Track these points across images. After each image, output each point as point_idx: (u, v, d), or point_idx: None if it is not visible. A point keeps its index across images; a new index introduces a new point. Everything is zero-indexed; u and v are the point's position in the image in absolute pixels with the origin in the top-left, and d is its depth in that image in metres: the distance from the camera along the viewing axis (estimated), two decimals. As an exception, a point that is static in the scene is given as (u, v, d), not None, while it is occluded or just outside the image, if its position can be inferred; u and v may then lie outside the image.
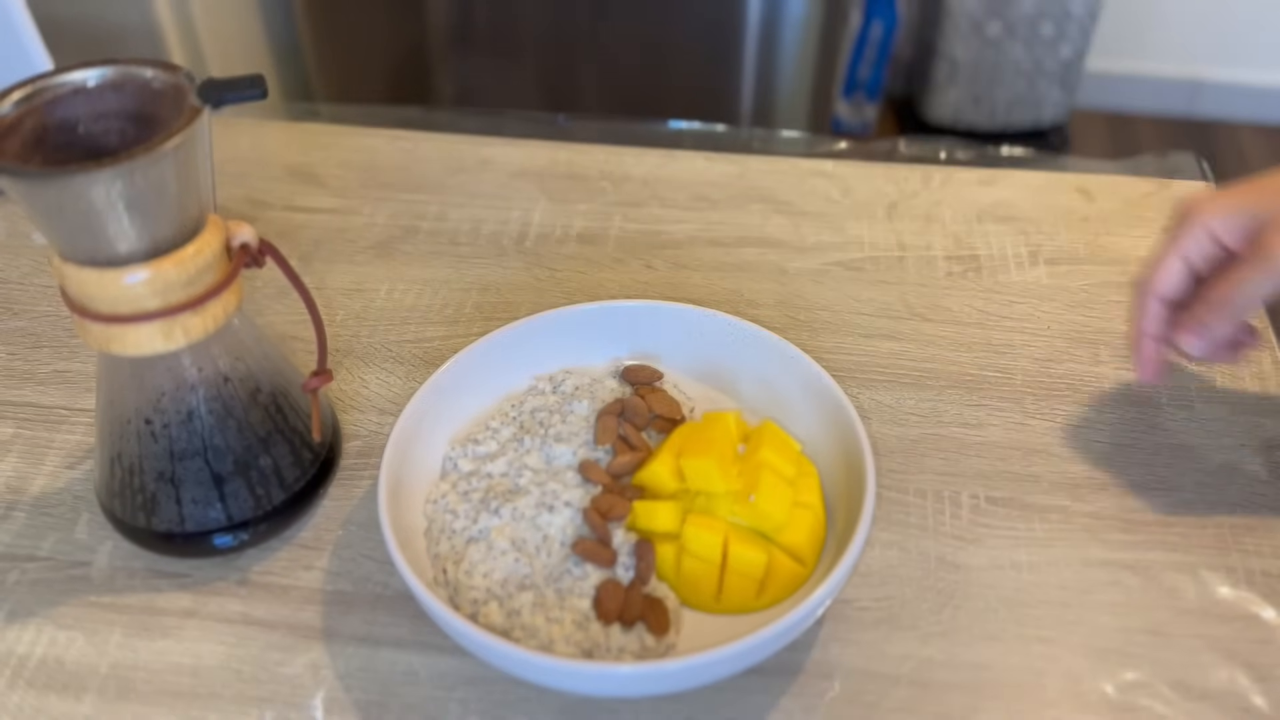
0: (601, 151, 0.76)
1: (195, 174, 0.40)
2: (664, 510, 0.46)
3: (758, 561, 0.45)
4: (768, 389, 0.53)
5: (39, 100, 0.41)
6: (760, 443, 0.48)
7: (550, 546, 0.46)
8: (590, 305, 0.54)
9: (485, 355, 0.52)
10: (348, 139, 0.77)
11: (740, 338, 0.53)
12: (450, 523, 0.47)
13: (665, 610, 0.44)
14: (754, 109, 1.28)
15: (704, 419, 0.50)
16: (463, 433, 0.52)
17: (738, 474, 0.47)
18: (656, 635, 0.44)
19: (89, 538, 0.51)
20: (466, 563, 0.45)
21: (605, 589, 0.44)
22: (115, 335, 0.42)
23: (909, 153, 0.76)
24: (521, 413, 0.52)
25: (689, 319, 0.54)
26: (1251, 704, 0.44)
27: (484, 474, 0.49)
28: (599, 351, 0.55)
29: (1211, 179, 0.73)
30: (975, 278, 0.65)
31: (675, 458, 0.48)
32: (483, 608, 0.44)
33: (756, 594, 0.45)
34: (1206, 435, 0.55)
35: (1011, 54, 1.84)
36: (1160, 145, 1.97)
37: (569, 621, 0.44)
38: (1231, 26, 1.94)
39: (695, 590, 0.45)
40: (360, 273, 0.66)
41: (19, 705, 0.44)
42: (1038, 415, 0.56)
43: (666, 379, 0.54)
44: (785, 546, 0.46)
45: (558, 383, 0.53)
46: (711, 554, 0.45)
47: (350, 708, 0.44)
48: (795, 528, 0.46)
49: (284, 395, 0.49)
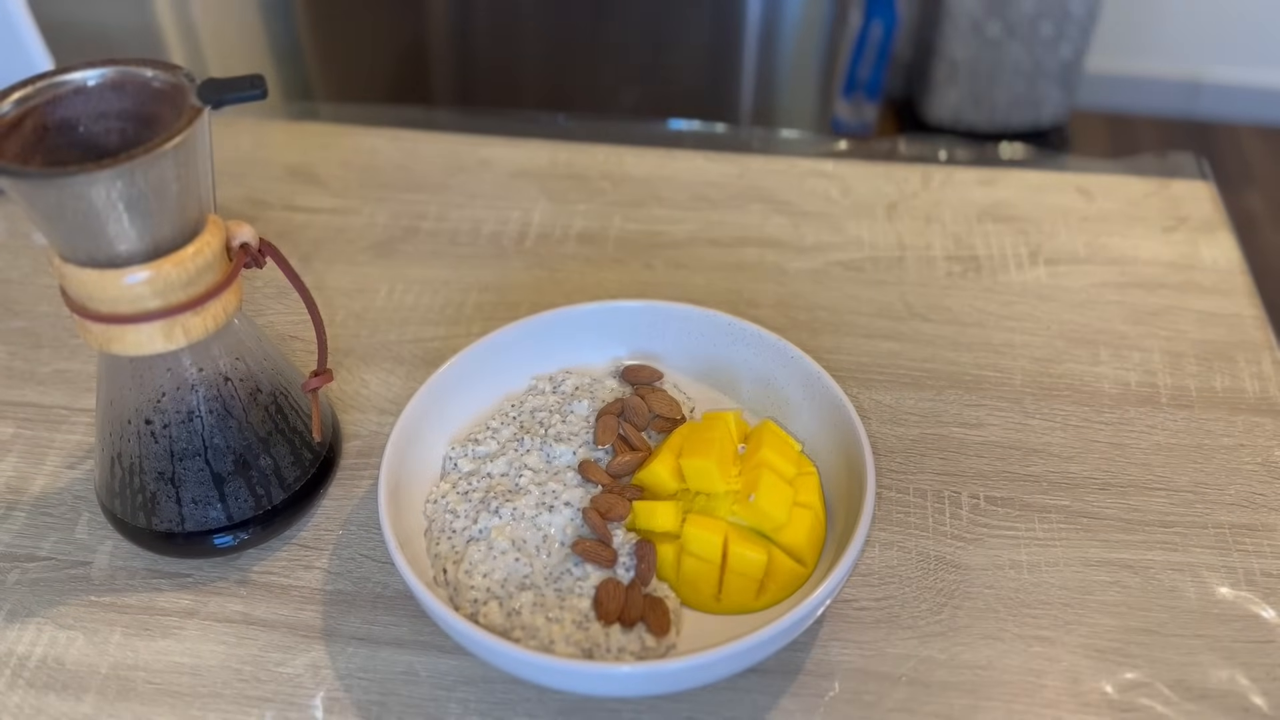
0: (601, 151, 0.76)
1: (195, 174, 0.40)
2: (664, 510, 0.46)
3: (758, 561, 0.45)
4: (767, 389, 0.53)
5: (39, 100, 0.41)
6: (760, 443, 0.48)
7: (550, 546, 0.46)
8: (590, 305, 0.54)
9: (485, 355, 0.52)
10: (348, 139, 0.77)
11: (740, 338, 0.53)
12: (450, 523, 0.47)
13: (666, 610, 0.44)
14: (754, 109, 1.28)
15: (704, 419, 0.50)
16: (463, 433, 0.52)
17: (737, 474, 0.47)
18: (657, 635, 0.44)
19: (89, 538, 0.51)
20: (466, 563, 0.45)
21: (605, 589, 0.44)
22: (115, 335, 0.42)
23: (909, 153, 0.76)
24: (521, 413, 0.52)
25: (689, 319, 0.54)
26: (1251, 704, 0.44)
27: (484, 474, 0.49)
28: (599, 352, 0.55)
29: (1211, 179, 0.73)
30: (975, 278, 0.65)
31: (675, 458, 0.48)
32: (483, 608, 0.44)
33: (756, 594, 0.45)
34: (1206, 435, 0.55)
35: (1011, 54, 1.84)
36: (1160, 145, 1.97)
37: (569, 621, 0.44)
38: (1231, 26, 1.94)
39: (695, 590, 0.45)
40: (360, 273, 0.66)
41: (19, 705, 0.44)
42: (1038, 415, 0.56)
43: (666, 379, 0.54)
44: (785, 546, 0.46)
45: (558, 383, 0.53)
46: (711, 554, 0.45)
47: (350, 708, 0.44)
48: (795, 527, 0.46)
49: (284, 395, 0.49)
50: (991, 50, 1.83)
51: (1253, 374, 0.58)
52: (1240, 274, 0.65)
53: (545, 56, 1.30)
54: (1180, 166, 0.74)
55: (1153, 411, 0.56)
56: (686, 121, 0.83)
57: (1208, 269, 0.65)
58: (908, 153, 0.76)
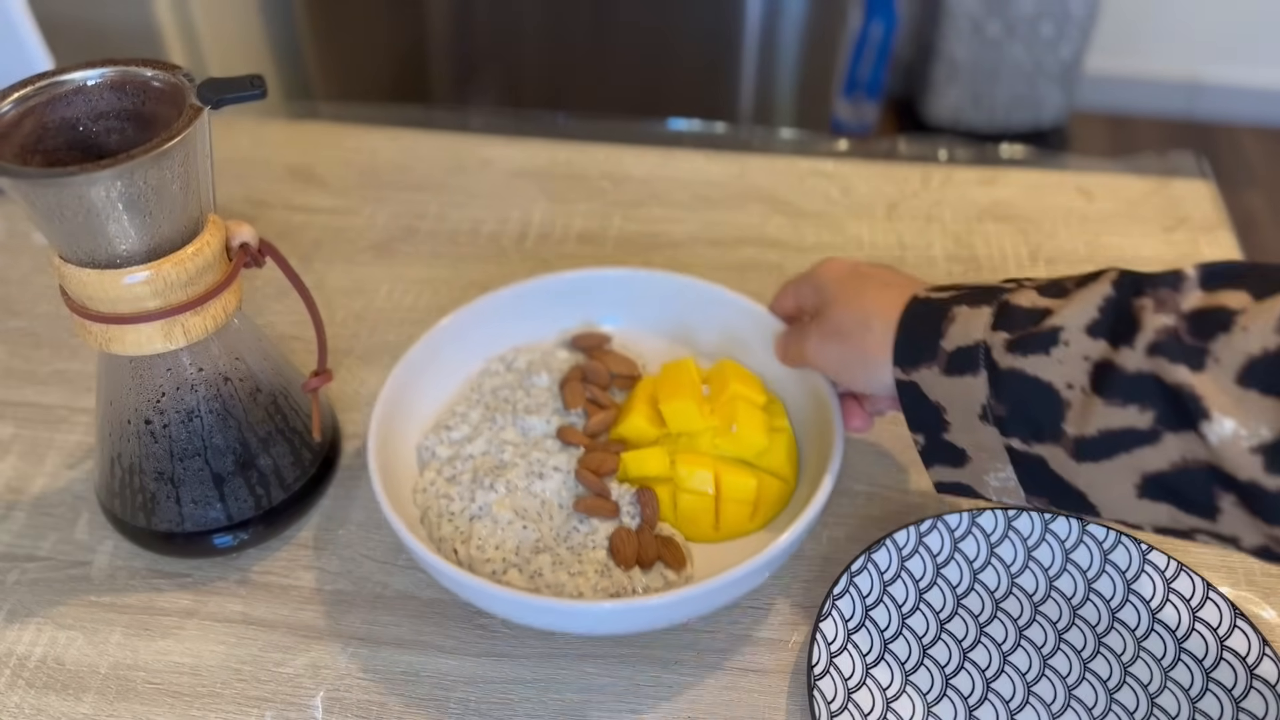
0: (601, 151, 0.76)
1: (195, 174, 0.40)
2: (653, 456, 0.49)
3: (750, 486, 0.47)
4: (723, 336, 0.56)
5: (39, 100, 0.41)
6: (726, 379, 0.51)
7: (550, 510, 0.48)
8: (529, 282, 0.56)
9: (436, 346, 0.53)
10: (348, 139, 0.77)
11: (679, 292, 0.56)
12: (446, 506, 0.48)
13: (678, 545, 0.47)
14: (754, 109, 1.28)
15: (663, 369, 0.53)
16: (430, 423, 0.53)
17: (711, 412, 0.50)
18: (676, 569, 0.46)
19: (89, 538, 0.51)
20: (476, 539, 0.47)
21: (618, 537, 0.47)
22: (115, 335, 0.42)
23: (909, 153, 0.76)
24: (484, 394, 0.54)
25: (626, 282, 0.56)
26: (1251, 704, 0.44)
27: (465, 456, 0.51)
28: (543, 327, 0.57)
29: (1211, 179, 0.73)
30: (975, 277, 0.65)
31: (650, 406, 0.51)
32: (503, 577, 0.45)
33: (751, 516, 0.48)
34: (1206, 435, 0.55)
35: (1011, 54, 1.84)
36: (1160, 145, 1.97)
37: (591, 572, 0.46)
38: (1231, 27, 1.94)
39: (694, 523, 0.48)
40: (360, 273, 0.66)
41: (19, 705, 0.44)
42: (1038, 415, 0.56)
43: (614, 341, 0.57)
44: (769, 469, 0.49)
45: (509, 361, 0.55)
46: (707, 487, 0.48)
47: (350, 708, 0.44)
48: (775, 450, 0.49)
49: (284, 395, 0.49)
50: (991, 50, 1.83)
51: (1253, 374, 0.58)
52: (1240, 274, 0.65)
53: (545, 56, 1.30)
54: (1180, 166, 0.74)
55: (1153, 411, 0.56)
56: (686, 121, 0.82)
57: (1208, 269, 0.65)
58: (908, 153, 0.76)
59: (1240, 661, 0.43)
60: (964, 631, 0.45)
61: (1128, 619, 0.46)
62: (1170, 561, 0.46)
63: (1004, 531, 0.47)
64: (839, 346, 0.45)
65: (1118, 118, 2.05)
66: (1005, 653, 0.45)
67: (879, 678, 0.44)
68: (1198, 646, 0.44)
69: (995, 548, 0.47)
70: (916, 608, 0.46)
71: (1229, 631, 0.44)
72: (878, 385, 0.44)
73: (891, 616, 0.46)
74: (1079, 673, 0.44)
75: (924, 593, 0.46)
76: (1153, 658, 0.44)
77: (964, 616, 0.46)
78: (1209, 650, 0.44)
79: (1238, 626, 0.43)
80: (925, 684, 0.44)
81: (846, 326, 0.45)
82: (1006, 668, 0.44)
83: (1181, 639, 0.44)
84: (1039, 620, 0.46)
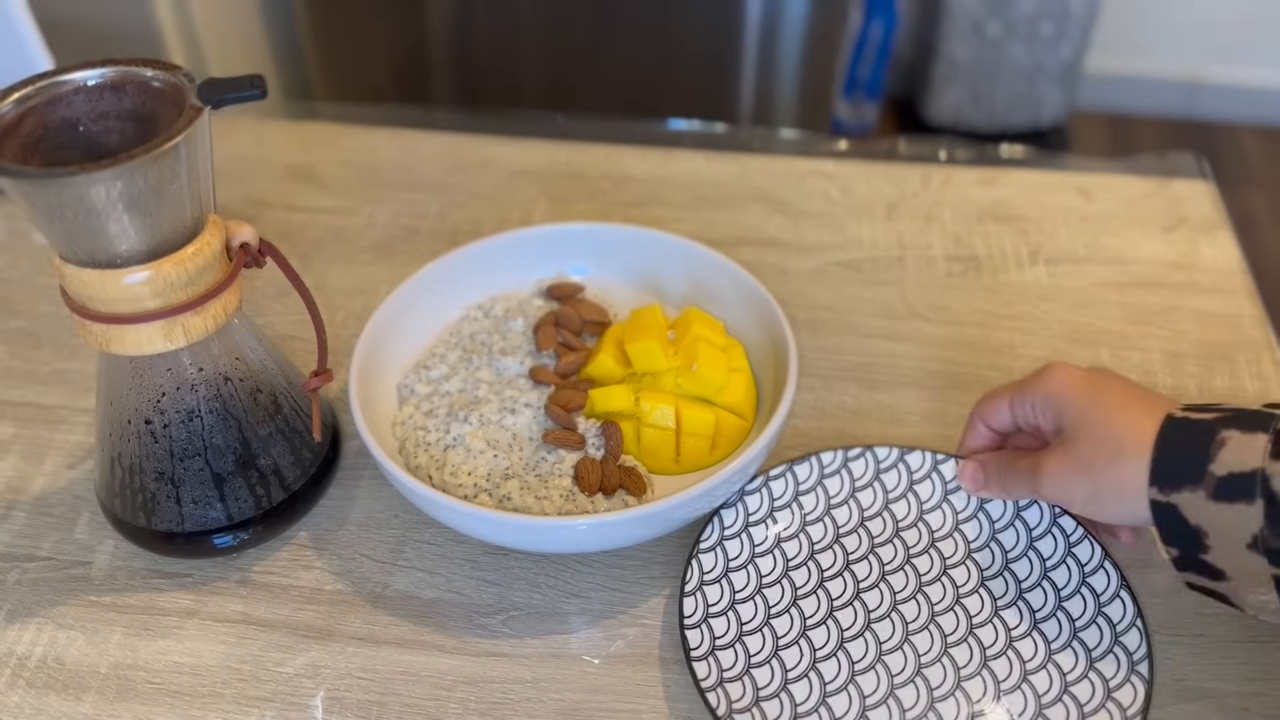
0: (601, 151, 0.76)
1: (195, 174, 0.40)
2: (618, 392, 0.51)
3: (709, 420, 0.50)
4: (678, 285, 0.58)
5: (39, 100, 0.41)
6: (689, 323, 0.53)
7: (520, 442, 0.51)
8: (506, 235, 0.58)
9: (417, 292, 0.56)
10: (348, 139, 0.77)
11: (649, 245, 0.58)
12: (423, 437, 0.51)
13: (640, 474, 0.50)
14: (754, 109, 1.28)
15: (631, 315, 0.55)
16: (410, 363, 0.56)
17: (675, 353, 0.52)
18: (637, 495, 0.49)
19: (89, 538, 0.51)
20: (449, 466, 0.49)
21: (584, 465, 0.49)
22: (115, 335, 0.42)
23: (909, 153, 0.76)
24: (462, 338, 0.56)
25: (599, 235, 0.59)
26: (1250, 704, 0.44)
27: (443, 393, 0.53)
28: (520, 278, 0.59)
29: (1211, 179, 0.73)
30: (975, 277, 0.65)
31: (617, 348, 0.53)
32: (474, 500, 0.48)
33: (710, 450, 0.51)
34: (1206, 435, 0.55)
35: (1011, 54, 1.84)
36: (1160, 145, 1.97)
37: (557, 497, 0.48)
38: (1231, 26, 1.94)
39: (656, 456, 0.50)
40: (360, 273, 0.66)
41: (19, 705, 0.44)
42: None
43: (587, 291, 0.59)
44: (727, 406, 0.51)
45: (487, 309, 0.58)
46: (668, 421, 0.50)
47: (350, 708, 0.44)
48: (733, 388, 0.52)
49: (284, 395, 0.49)
50: (991, 50, 1.83)
51: (1253, 374, 0.58)
52: (1240, 274, 0.65)
53: (545, 56, 1.30)
54: (1180, 166, 0.74)
55: (1153, 411, 0.56)
56: (686, 121, 0.82)
57: (1208, 269, 0.65)
58: (908, 153, 0.76)
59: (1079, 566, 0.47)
60: (831, 561, 0.49)
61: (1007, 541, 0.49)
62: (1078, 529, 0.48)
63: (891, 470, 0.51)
64: (1088, 482, 0.43)
65: (1118, 117, 2.05)
66: (859, 578, 0.48)
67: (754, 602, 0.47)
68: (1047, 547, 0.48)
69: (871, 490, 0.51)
70: (796, 535, 0.49)
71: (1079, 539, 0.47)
72: (1129, 517, 0.42)
73: (767, 539, 0.49)
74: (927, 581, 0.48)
75: (808, 524, 0.50)
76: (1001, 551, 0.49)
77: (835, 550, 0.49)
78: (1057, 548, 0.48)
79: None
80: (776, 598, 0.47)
81: (1093, 458, 0.42)
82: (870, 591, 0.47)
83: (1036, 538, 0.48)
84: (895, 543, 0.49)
